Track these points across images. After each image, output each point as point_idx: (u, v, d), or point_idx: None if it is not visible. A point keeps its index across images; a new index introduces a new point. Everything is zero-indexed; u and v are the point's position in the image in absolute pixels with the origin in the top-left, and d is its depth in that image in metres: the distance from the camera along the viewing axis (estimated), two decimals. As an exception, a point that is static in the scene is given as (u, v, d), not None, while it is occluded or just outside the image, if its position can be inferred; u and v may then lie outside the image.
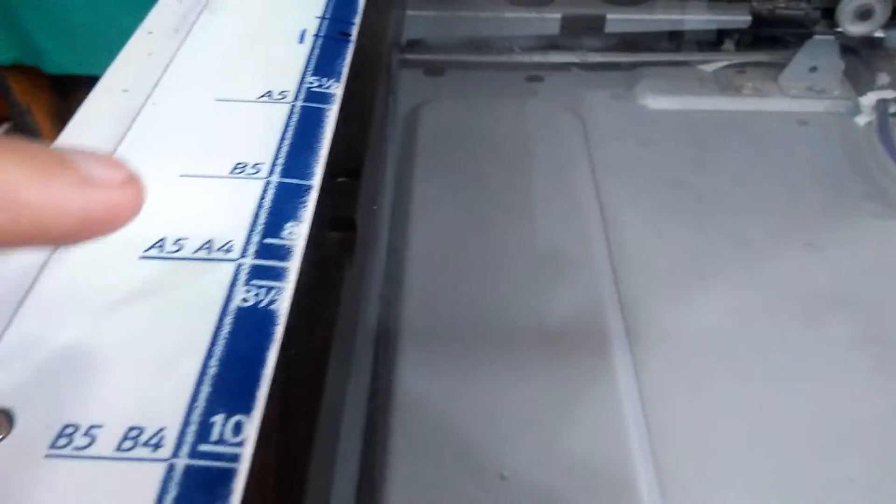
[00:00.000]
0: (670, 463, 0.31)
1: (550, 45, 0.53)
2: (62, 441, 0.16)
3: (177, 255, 0.21)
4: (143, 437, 0.17)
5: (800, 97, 0.52)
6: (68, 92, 1.13)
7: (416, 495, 0.29)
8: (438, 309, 0.37)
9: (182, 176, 0.24)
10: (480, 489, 0.29)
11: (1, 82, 1.05)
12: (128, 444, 0.17)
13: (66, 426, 0.17)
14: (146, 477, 0.16)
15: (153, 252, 0.21)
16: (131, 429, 0.17)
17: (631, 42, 0.54)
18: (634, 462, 0.30)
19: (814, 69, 0.52)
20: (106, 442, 0.17)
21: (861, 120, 0.50)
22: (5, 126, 1.14)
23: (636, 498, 0.29)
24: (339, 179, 0.27)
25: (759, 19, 0.52)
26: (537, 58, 0.53)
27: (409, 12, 0.50)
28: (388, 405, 0.32)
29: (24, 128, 1.08)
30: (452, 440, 0.31)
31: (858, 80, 0.52)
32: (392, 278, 0.38)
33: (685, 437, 0.32)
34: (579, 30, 0.50)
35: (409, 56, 0.52)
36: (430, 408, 0.32)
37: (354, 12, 0.34)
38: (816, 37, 0.52)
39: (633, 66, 0.53)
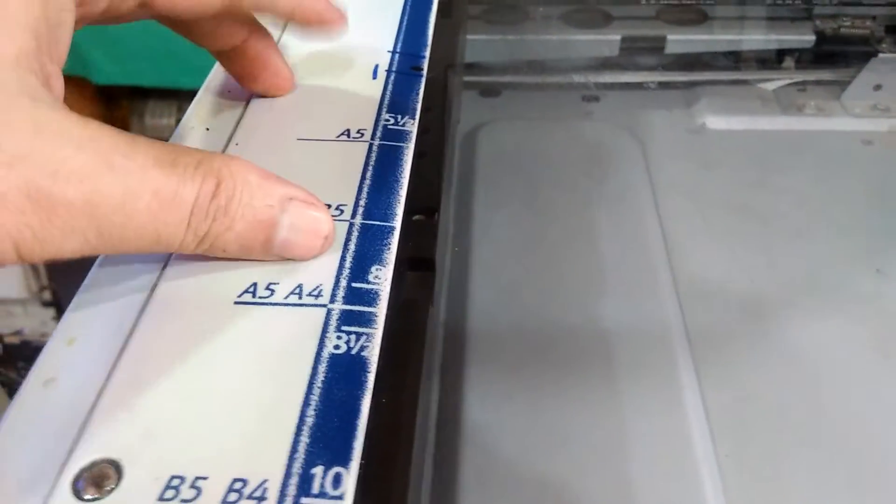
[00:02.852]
0: (742, 500, 0.30)
1: (605, 64, 0.53)
2: (169, 493, 0.17)
3: (269, 300, 0.22)
4: (247, 490, 0.17)
5: (864, 116, 0.51)
6: (114, 102, 1.16)
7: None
8: (502, 335, 0.37)
9: (268, 218, 0.25)
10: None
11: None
12: (233, 496, 0.17)
13: (173, 478, 0.17)
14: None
15: (246, 297, 0.22)
16: (235, 480, 0.17)
17: (688, 61, 0.53)
18: (707, 499, 0.30)
19: (878, 87, 0.51)
20: (211, 494, 0.17)
21: (928, 139, 0.49)
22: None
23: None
24: (416, 217, 0.27)
25: (822, 38, 0.51)
26: (593, 77, 0.53)
27: (469, 36, 0.50)
28: (456, 437, 0.32)
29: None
30: (521, 473, 0.31)
31: (925, 99, 0.51)
32: (455, 304, 0.38)
33: (757, 474, 0.32)
34: (639, 51, 0.50)
35: (466, 78, 0.52)
36: (498, 439, 0.32)
37: (425, 45, 0.34)
38: (882, 55, 0.51)
39: (692, 84, 0.53)
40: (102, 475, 0.17)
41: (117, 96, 1.14)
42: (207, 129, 0.29)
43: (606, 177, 0.46)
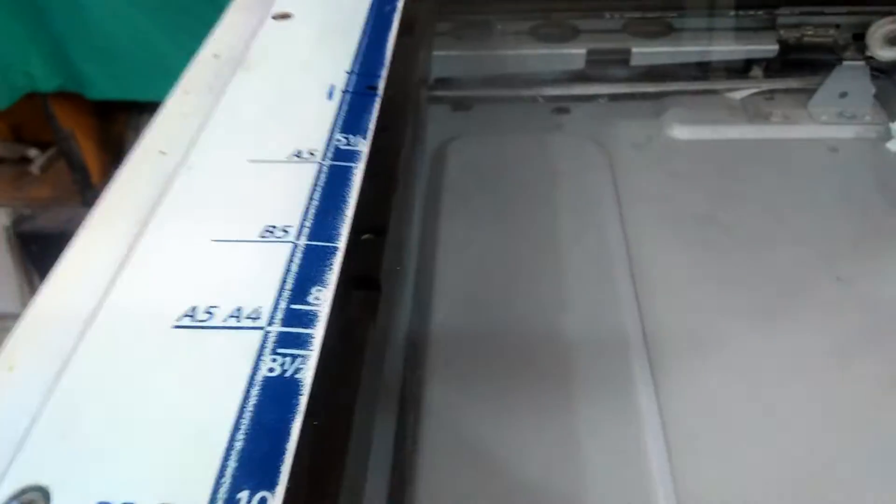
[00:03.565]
0: (691, 495, 0.31)
1: (576, 77, 0.53)
2: (97, 519, 0.17)
3: (207, 323, 0.22)
4: (175, 514, 0.18)
5: (830, 123, 0.51)
6: (109, 116, 1.17)
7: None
8: (464, 348, 0.37)
9: (214, 241, 0.25)
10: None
11: (45, 109, 1.09)
12: (160, 520, 0.17)
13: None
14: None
15: (185, 321, 0.22)
16: (163, 505, 0.18)
17: (657, 72, 0.54)
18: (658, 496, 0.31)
19: (844, 95, 0.52)
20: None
21: (893, 146, 0.49)
22: (50, 151, 1.19)
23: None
24: (364, 237, 0.28)
25: (786, 47, 0.52)
26: (563, 90, 0.53)
27: (437, 52, 0.50)
28: (416, 448, 0.32)
29: (68, 152, 1.11)
30: (483, 488, 0.31)
31: (890, 105, 0.52)
32: (419, 318, 0.39)
33: (708, 474, 0.32)
34: (605, 64, 0.51)
35: (437, 93, 0.53)
36: (457, 451, 0.33)
37: (381, 64, 0.35)
38: (846, 63, 0.51)
39: (660, 95, 0.53)
40: (30, 502, 0.18)
41: (113, 111, 1.15)
42: (162, 153, 0.29)
43: (574, 188, 0.47)
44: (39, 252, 1.14)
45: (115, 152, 1.17)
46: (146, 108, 1.14)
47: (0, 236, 1.14)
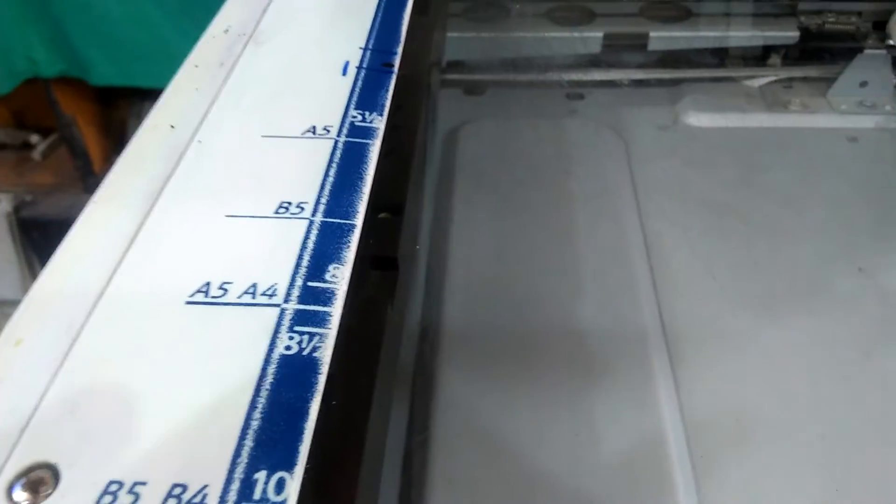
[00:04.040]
0: (713, 494, 0.30)
1: (591, 62, 0.52)
2: (106, 499, 0.17)
3: (221, 299, 0.21)
4: (187, 496, 0.17)
5: (850, 113, 0.50)
6: (111, 102, 1.16)
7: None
8: (477, 333, 0.37)
9: (228, 216, 0.24)
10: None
11: (47, 95, 1.08)
12: (171, 502, 0.17)
13: (111, 483, 0.17)
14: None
15: (198, 297, 0.21)
16: (175, 486, 0.17)
17: (673, 57, 0.53)
18: (678, 494, 0.30)
19: (864, 84, 0.51)
20: (149, 499, 0.17)
21: (914, 136, 0.49)
22: (52, 137, 1.18)
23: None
24: (381, 216, 0.27)
25: (807, 34, 0.51)
26: (578, 75, 0.52)
27: (450, 34, 0.49)
28: (429, 437, 0.32)
29: (70, 138, 1.10)
30: (493, 474, 0.31)
31: (911, 95, 0.51)
32: (431, 302, 0.38)
33: (729, 471, 0.31)
34: (622, 48, 0.50)
35: (449, 76, 0.52)
36: (471, 438, 0.32)
37: (397, 42, 0.34)
38: (867, 51, 0.50)
39: (676, 82, 0.52)
40: (39, 480, 0.17)
41: (116, 97, 1.14)
42: (172, 127, 0.28)
43: (589, 175, 0.46)
44: (41, 239, 1.13)
45: (117, 139, 1.17)
46: (149, 95, 1.13)
47: (1, 222, 1.13)
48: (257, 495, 0.17)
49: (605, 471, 0.31)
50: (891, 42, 0.51)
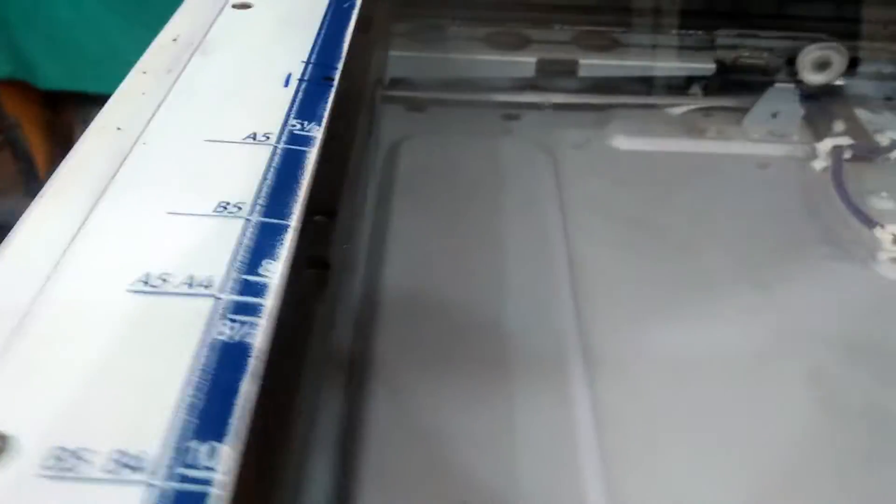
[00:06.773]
0: (622, 489, 0.33)
1: (527, 85, 0.55)
2: (52, 462, 0.18)
3: (160, 289, 0.23)
4: (126, 460, 0.18)
5: (761, 141, 0.55)
6: (58, 107, 1.15)
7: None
8: (409, 335, 0.39)
9: (169, 213, 0.26)
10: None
11: (-8, 96, 1.07)
12: (111, 465, 0.18)
13: (57, 449, 0.18)
14: (129, 497, 0.18)
15: (138, 286, 0.23)
16: (116, 451, 0.19)
17: (603, 84, 0.56)
18: (587, 489, 0.32)
19: (775, 115, 0.55)
20: (94, 464, 0.18)
21: (818, 165, 0.53)
22: (-5, 139, 1.16)
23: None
24: (316, 218, 0.29)
25: (723, 67, 0.55)
26: (514, 97, 0.55)
27: (392, 52, 0.52)
28: (359, 432, 0.34)
29: (14, 141, 1.09)
30: (418, 467, 0.33)
31: (817, 126, 0.55)
32: (367, 307, 0.40)
33: (637, 467, 0.34)
34: (554, 73, 0.53)
35: (392, 93, 0.54)
36: (399, 435, 0.34)
37: (338, 57, 0.36)
38: (778, 84, 0.55)
39: (605, 107, 0.56)
40: (-11, 445, 0.18)
41: (63, 101, 1.13)
42: (119, 129, 0.30)
43: (520, 191, 0.49)
44: (-23, 242, 1.11)
45: (62, 144, 1.15)
46: (97, 101, 1.12)
47: (-64, 224, 1.10)
48: (191, 460, 0.19)
49: (520, 461, 0.33)
50: (799, 77, 0.55)
